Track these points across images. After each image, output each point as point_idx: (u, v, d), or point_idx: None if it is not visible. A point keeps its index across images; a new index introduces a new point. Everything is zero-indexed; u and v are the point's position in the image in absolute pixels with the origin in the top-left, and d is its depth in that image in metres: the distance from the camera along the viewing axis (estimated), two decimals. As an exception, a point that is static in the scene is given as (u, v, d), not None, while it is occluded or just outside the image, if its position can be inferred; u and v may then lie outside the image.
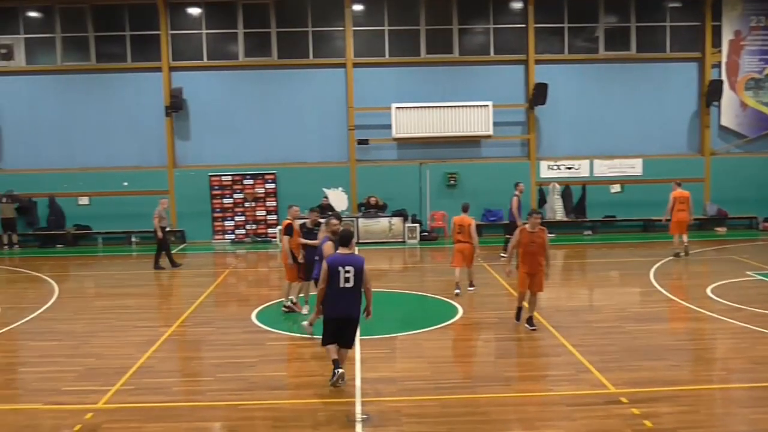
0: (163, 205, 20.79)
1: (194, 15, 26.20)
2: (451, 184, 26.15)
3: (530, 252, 12.46)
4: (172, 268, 20.52)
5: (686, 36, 26.76)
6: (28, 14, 26.16)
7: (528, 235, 12.46)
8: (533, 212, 12.74)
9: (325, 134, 26.55)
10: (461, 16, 26.40)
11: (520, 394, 9.66)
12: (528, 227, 12.53)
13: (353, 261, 9.74)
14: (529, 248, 12.45)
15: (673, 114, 26.83)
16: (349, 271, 9.65)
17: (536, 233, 12.43)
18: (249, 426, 8.72)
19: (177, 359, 12.01)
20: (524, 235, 12.50)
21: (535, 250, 12.43)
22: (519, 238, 12.61)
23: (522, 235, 12.54)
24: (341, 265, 9.67)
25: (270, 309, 15.05)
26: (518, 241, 12.63)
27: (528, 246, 12.46)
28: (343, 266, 9.66)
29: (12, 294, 18.00)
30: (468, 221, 15.91)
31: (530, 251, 12.46)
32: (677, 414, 8.80)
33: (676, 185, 21.05)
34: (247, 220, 26.50)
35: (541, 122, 26.64)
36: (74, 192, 26.34)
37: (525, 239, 12.48)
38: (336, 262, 9.74)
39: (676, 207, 20.60)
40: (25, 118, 26.28)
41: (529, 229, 12.47)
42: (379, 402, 9.35)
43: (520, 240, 12.57)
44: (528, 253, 12.48)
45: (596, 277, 18.70)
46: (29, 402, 9.74)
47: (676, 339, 12.34)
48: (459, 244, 15.99)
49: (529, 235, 12.44)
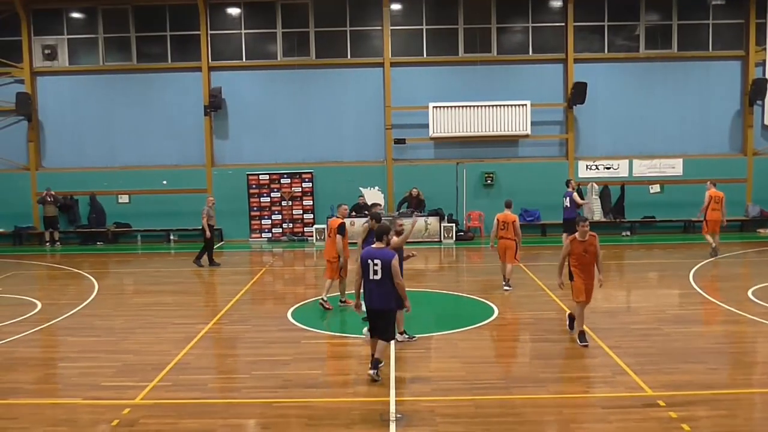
0: (210, 202, 21.01)
1: (233, 15, 26.40)
2: (488, 184, 26.03)
3: (584, 262, 11.76)
4: (209, 266, 20.69)
5: (729, 34, 26.31)
6: (71, 15, 26.57)
7: (579, 244, 11.72)
8: (581, 220, 11.88)
9: (362, 133, 26.59)
10: (500, 15, 26.26)
11: (555, 396, 9.57)
12: (578, 236, 11.74)
13: (382, 255, 10.03)
14: (582, 258, 11.75)
15: (714, 113, 26.42)
16: (377, 264, 9.95)
17: (587, 241, 11.72)
18: (283, 423, 8.75)
19: (213, 356, 12.10)
20: (575, 245, 11.74)
21: (588, 260, 11.77)
22: (570, 248, 11.81)
23: (573, 245, 11.77)
24: (371, 258, 10.03)
25: (306, 307, 15.11)
26: (569, 252, 11.84)
27: (581, 256, 11.73)
28: (372, 259, 10.01)
29: (53, 290, 18.33)
30: (512, 218, 16.16)
31: (584, 261, 11.76)
32: (715, 418, 8.66)
33: (711, 184, 20.72)
34: (283, 218, 26.64)
35: (580, 121, 26.39)
36: (114, 190, 26.73)
37: (577, 249, 11.74)
38: (366, 255, 10.11)
39: (710, 206, 20.33)
40: (68, 118, 26.73)
41: (579, 238, 11.71)
42: (414, 401, 9.33)
43: (572, 250, 11.79)
44: (582, 263, 11.76)
45: (634, 279, 18.47)
46: (68, 397, 9.87)
47: (715, 342, 12.14)
48: (503, 240, 16.22)
49: (581, 244, 11.72)
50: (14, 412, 9.27)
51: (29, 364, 11.48)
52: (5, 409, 9.37)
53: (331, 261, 14.81)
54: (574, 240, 11.76)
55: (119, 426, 8.68)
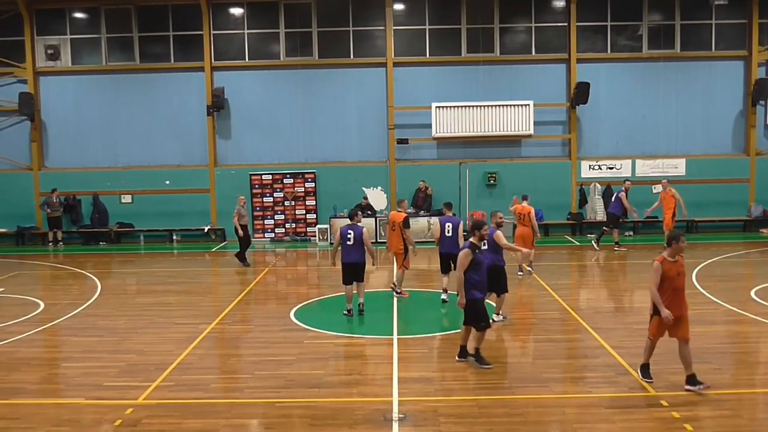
0: (241, 201, 21.06)
1: (236, 15, 26.42)
2: (491, 184, 26.03)
3: (676, 287, 9.60)
4: (240, 264, 20.77)
5: (732, 34, 26.29)
6: (74, 15, 26.60)
7: (671, 266, 9.56)
8: (675, 237, 9.66)
9: (364, 133, 26.61)
10: (502, 15, 26.26)
11: (558, 396, 9.57)
12: (667, 255, 9.63)
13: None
14: (675, 282, 9.56)
15: (717, 113, 26.41)
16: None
17: (679, 262, 9.67)
18: (286, 423, 8.75)
19: (216, 356, 12.12)
20: (667, 266, 9.55)
21: (681, 284, 9.65)
22: (662, 270, 9.53)
23: (665, 267, 9.54)
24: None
25: (309, 307, 15.13)
26: (662, 275, 9.54)
27: (674, 280, 9.55)
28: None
29: (56, 290, 18.37)
30: (528, 209, 17.88)
31: (676, 286, 9.59)
32: (718, 418, 8.65)
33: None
34: (286, 218, 26.65)
35: (583, 121, 26.38)
36: (117, 190, 26.75)
37: (670, 272, 9.54)
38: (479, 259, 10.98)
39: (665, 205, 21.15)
40: (71, 118, 26.77)
41: (670, 258, 9.62)
42: (417, 401, 9.33)
43: (665, 273, 9.52)
44: (673, 288, 9.58)
45: (637, 279, 18.41)
46: (71, 396, 9.89)
47: (718, 342, 12.13)
48: (520, 228, 17.96)
49: (673, 266, 9.58)
50: (17, 412, 9.29)
51: (32, 364, 11.49)
52: (8, 409, 9.39)
53: (398, 253, 15.89)
54: (665, 261, 9.62)
55: (122, 426, 8.69)
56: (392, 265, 20.14)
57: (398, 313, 14.38)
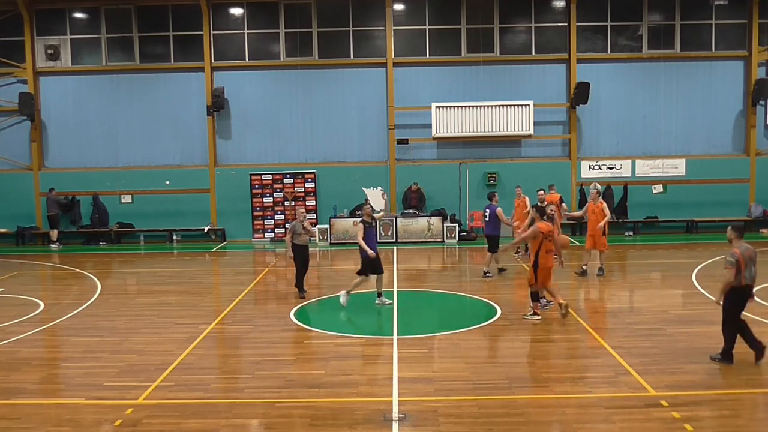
0: (300, 216, 16.84)
1: (236, 15, 26.42)
2: (491, 184, 26.01)
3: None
4: (297, 293, 16.56)
5: (732, 34, 26.30)
6: (74, 15, 26.61)
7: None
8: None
9: (365, 134, 26.63)
10: (502, 15, 26.27)
11: (558, 396, 9.55)
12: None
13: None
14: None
15: (717, 113, 26.43)
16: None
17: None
18: (286, 423, 8.75)
19: (216, 356, 12.09)
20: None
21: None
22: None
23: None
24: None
25: (309, 307, 15.14)
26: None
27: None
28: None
29: (56, 290, 18.37)
30: (556, 197, 19.27)
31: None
32: (719, 418, 8.64)
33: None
34: (286, 218, 26.64)
35: (583, 122, 26.39)
36: (117, 190, 26.76)
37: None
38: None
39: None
40: (71, 118, 26.78)
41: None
42: (417, 402, 9.32)
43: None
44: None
45: (637, 279, 18.44)
46: (72, 396, 9.88)
47: (718, 342, 12.06)
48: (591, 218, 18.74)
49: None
50: (17, 412, 9.27)
51: (32, 364, 11.47)
52: (8, 409, 9.38)
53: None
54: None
55: (122, 426, 8.67)
56: (392, 265, 20.18)
57: (398, 313, 14.38)
